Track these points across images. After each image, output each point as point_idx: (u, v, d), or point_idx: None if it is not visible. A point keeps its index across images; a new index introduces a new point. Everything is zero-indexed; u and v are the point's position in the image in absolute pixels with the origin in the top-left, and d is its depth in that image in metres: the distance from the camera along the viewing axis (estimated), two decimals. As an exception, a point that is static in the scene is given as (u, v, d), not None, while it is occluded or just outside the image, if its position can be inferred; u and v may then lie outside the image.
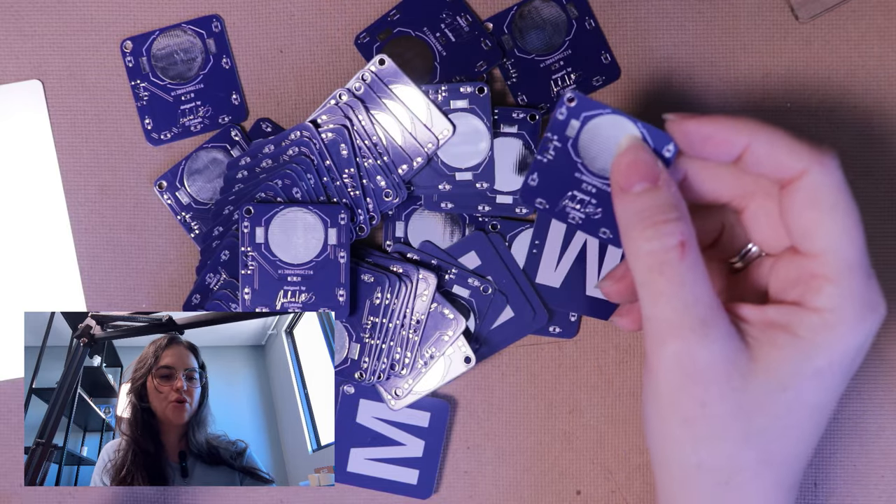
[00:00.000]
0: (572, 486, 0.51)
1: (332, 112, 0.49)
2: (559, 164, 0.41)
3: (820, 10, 0.50)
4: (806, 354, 0.38)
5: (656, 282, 0.38)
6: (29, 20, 0.51)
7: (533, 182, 0.42)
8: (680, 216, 0.38)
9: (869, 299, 0.38)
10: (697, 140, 0.40)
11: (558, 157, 0.41)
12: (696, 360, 0.37)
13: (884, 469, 0.50)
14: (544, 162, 0.41)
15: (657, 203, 0.38)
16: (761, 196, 0.41)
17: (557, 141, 0.41)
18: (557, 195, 0.42)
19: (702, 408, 0.38)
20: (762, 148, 0.39)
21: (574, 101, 0.41)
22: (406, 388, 0.49)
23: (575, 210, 0.42)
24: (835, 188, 0.38)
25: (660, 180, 0.39)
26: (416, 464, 0.50)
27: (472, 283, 0.49)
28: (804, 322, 0.38)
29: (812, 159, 0.38)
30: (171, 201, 0.50)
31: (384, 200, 0.49)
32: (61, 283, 0.51)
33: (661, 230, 0.38)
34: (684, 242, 0.37)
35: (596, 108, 0.41)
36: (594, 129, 0.41)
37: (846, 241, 0.38)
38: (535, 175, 0.42)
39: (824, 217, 0.38)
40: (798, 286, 0.39)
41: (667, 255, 0.37)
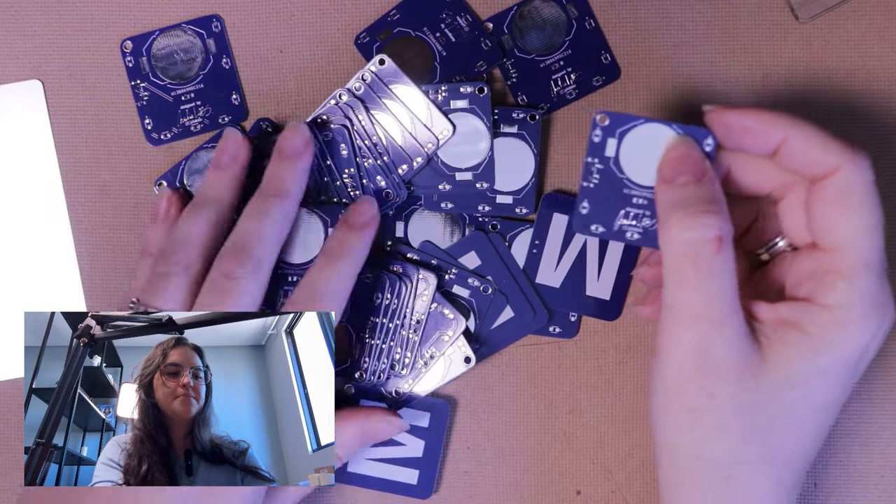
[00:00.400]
0: (572, 486, 0.51)
1: (332, 112, 0.49)
2: (606, 186, 0.41)
3: (820, 10, 0.50)
4: (815, 352, 0.38)
5: (686, 270, 0.38)
6: (29, 20, 0.51)
7: (584, 210, 0.42)
8: (720, 211, 0.38)
9: (880, 300, 0.39)
10: (737, 132, 0.40)
11: (603, 178, 0.41)
12: (711, 352, 0.38)
13: (884, 469, 0.50)
14: (591, 188, 0.41)
15: (699, 195, 0.39)
16: (800, 187, 0.41)
17: (599, 163, 0.41)
18: (611, 216, 0.42)
19: (710, 399, 0.38)
20: (798, 143, 0.39)
21: (606, 119, 0.41)
22: (406, 388, 0.49)
23: (631, 227, 0.42)
24: (864, 187, 0.39)
25: (705, 176, 0.39)
26: (416, 464, 0.50)
27: (472, 283, 0.49)
28: (815, 319, 0.38)
29: (845, 157, 0.39)
30: None
31: (384, 200, 0.49)
32: (61, 283, 0.51)
33: (701, 221, 0.38)
34: (722, 238, 0.38)
35: (629, 121, 0.41)
36: (632, 142, 0.41)
37: (865, 240, 0.39)
38: (584, 203, 0.42)
39: (849, 213, 0.39)
40: (811, 281, 0.39)
41: (702, 246, 0.38)
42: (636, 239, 0.42)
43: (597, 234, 0.42)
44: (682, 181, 0.39)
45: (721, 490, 0.39)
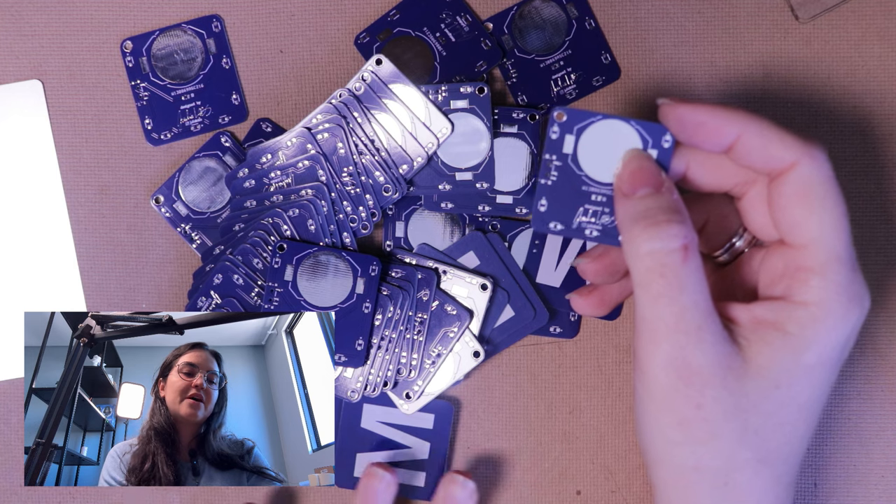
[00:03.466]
0: (572, 486, 0.51)
1: (327, 111, 0.49)
2: (564, 183, 0.41)
3: (820, 10, 0.50)
4: (796, 351, 0.38)
5: (655, 283, 0.37)
6: (29, 20, 0.51)
7: (542, 207, 0.41)
8: (683, 220, 0.38)
9: (855, 292, 0.39)
10: (690, 127, 0.40)
11: (561, 175, 0.41)
12: (691, 362, 0.37)
13: (884, 469, 0.50)
14: (549, 184, 0.41)
15: (659, 205, 0.38)
16: (761, 184, 0.41)
17: (557, 160, 0.41)
18: (570, 214, 0.41)
19: (697, 410, 0.38)
20: (753, 139, 0.39)
21: (564, 116, 0.41)
22: (417, 389, 0.49)
23: (590, 224, 0.41)
24: (824, 181, 0.38)
25: (663, 186, 0.39)
26: (422, 466, 0.50)
27: (471, 282, 0.49)
28: (792, 317, 0.38)
29: (802, 152, 0.38)
30: (169, 214, 0.50)
31: (384, 196, 0.49)
32: (61, 283, 0.51)
33: (664, 231, 0.38)
34: (687, 246, 0.37)
35: (587, 117, 0.41)
36: (590, 139, 0.41)
37: (833, 234, 0.38)
38: (543, 200, 0.41)
39: (812, 209, 0.38)
40: (785, 279, 0.39)
41: (668, 257, 0.37)
42: (595, 236, 0.41)
43: (556, 231, 0.41)
44: (641, 194, 0.39)
45: (720, 497, 0.39)
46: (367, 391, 0.48)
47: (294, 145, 0.48)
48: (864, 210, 0.50)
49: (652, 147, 0.41)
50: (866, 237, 0.50)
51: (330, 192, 0.48)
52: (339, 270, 0.48)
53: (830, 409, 0.50)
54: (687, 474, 0.39)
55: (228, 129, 0.51)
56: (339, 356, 0.48)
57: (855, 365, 0.50)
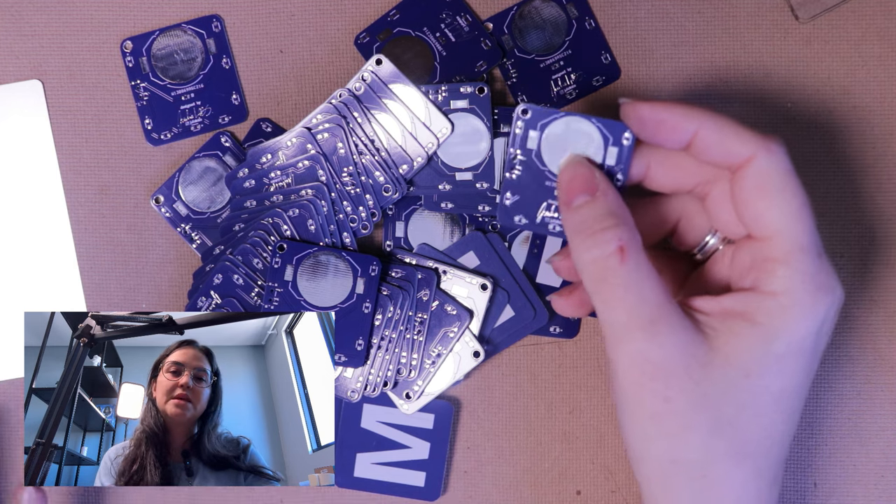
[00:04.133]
0: (572, 486, 0.51)
1: (327, 111, 0.49)
2: (528, 178, 0.42)
3: (820, 10, 0.50)
4: (765, 340, 0.38)
5: (602, 290, 0.39)
6: (29, 20, 0.51)
7: (507, 201, 0.42)
8: (618, 222, 0.39)
9: (822, 281, 0.39)
10: (650, 124, 0.41)
11: (525, 170, 0.42)
12: (650, 357, 0.38)
13: (884, 469, 0.50)
14: (514, 179, 0.42)
15: (595, 213, 0.40)
16: (723, 181, 0.41)
17: (522, 154, 0.42)
18: (534, 208, 0.42)
19: (666, 403, 0.38)
20: (711, 135, 0.40)
21: (528, 112, 0.42)
22: (417, 389, 0.49)
23: (553, 219, 0.43)
24: (782, 173, 0.39)
25: (598, 190, 0.40)
26: (422, 466, 0.50)
27: (471, 282, 0.49)
28: (760, 307, 0.39)
29: (758, 145, 0.39)
30: (169, 214, 0.50)
31: (384, 196, 0.49)
32: (61, 283, 0.51)
33: (599, 238, 0.39)
34: (623, 247, 0.38)
35: (550, 114, 0.42)
36: (553, 135, 0.42)
37: (796, 224, 0.39)
38: (507, 194, 0.42)
39: (773, 200, 0.39)
40: (752, 271, 0.40)
41: (607, 261, 0.39)
42: (559, 231, 0.42)
43: (520, 225, 0.42)
44: (577, 203, 0.40)
45: (699, 490, 0.39)
46: (367, 391, 0.48)
47: (294, 145, 0.48)
48: (863, 210, 0.50)
49: (613, 144, 0.42)
50: (866, 237, 0.50)
51: (330, 192, 0.48)
52: (339, 270, 0.48)
53: (830, 409, 0.50)
54: (665, 468, 0.39)
55: (228, 129, 0.51)
56: (339, 356, 0.48)
57: (855, 365, 0.50)
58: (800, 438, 0.50)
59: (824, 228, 0.50)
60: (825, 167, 0.50)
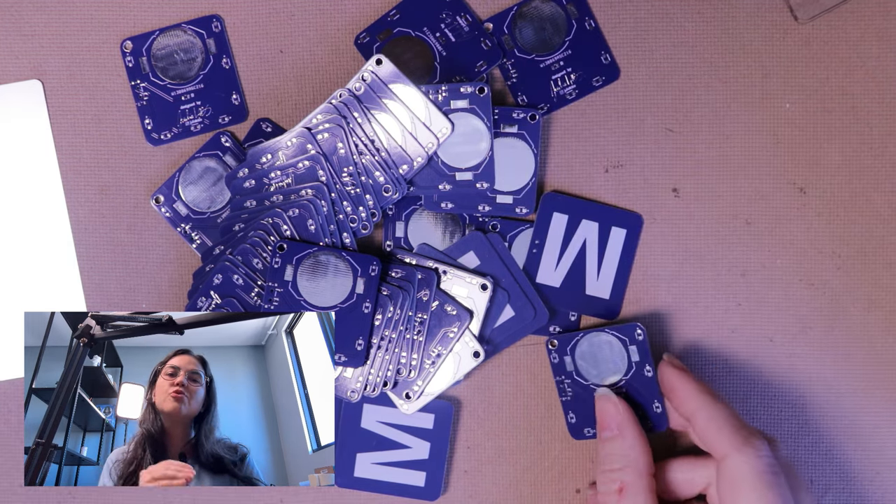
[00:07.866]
0: (572, 486, 0.51)
1: (327, 111, 0.49)
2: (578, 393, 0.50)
3: (819, 11, 0.50)
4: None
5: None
6: (29, 20, 0.51)
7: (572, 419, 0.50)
8: (625, 465, 0.45)
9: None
10: (666, 386, 0.47)
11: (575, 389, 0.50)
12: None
13: (879, 466, 0.51)
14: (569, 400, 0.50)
15: (611, 452, 0.46)
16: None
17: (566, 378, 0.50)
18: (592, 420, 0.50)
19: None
20: (699, 423, 0.45)
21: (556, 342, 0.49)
22: (417, 389, 0.49)
23: None
24: (751, 475, 0.43)
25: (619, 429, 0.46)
26: (422, 466, 0.50)
27: (471, 282, 0.49)
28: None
29: (733, 447, 0.43)
30: (169, 214, 0.50)
31: (384, 196, 0.49)
32: (61, 283, 0.51)
33: (607, 477, 0.46)
34: (622, 488, 0.45)
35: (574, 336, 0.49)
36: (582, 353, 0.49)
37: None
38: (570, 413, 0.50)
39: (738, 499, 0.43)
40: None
41: (608, 497, 0.45)
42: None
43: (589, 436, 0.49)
44: (605, 436, 0.47)
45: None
46: (367, 391, 0.49)
47: (294, 145, 0.48)
48: (862, 210, 0.50)
49: (631, 344, 0.49)
50: (865, 237, 0.50)
51: (330, 193, 0.48)
52: (339, 270, 0.48)
53: (827, 407, 0.50)
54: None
55: (228, 129, 0.51)
56: (339, 356, 0.48)
57: (851, 363, 0.50)
58: (796, 436, 0.51)
59: (824, 228, 0.50)
60: (825, 167, 0.50)
